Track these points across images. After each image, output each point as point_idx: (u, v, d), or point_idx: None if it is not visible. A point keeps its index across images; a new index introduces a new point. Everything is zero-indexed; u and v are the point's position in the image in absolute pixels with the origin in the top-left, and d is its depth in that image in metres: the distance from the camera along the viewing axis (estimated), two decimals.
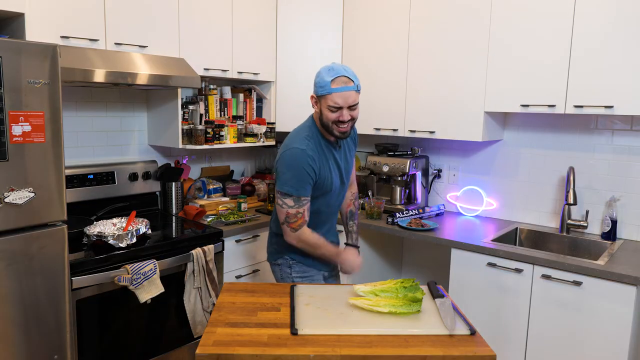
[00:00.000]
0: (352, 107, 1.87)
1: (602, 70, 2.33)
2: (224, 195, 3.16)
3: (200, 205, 2.91)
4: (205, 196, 3.06)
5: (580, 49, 2.38)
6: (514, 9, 2.56)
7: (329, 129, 1.91)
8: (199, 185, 3.06)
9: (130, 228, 2.29)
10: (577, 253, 2.64)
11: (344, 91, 1.83)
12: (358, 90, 1.88)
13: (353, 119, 1.91)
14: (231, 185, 3.20)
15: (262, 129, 3.12)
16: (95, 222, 2.37)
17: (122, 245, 2.20)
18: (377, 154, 3.23)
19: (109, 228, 2.31)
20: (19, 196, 1.76)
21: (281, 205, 1.90)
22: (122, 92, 2.82)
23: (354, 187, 2.30)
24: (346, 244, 2.24)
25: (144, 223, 2.37)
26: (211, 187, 3.11)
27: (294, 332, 1.44)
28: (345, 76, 1.84)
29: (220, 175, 3.35)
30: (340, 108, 1.85)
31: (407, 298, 1.60)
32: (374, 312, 1.57)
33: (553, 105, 2.48)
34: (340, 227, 2.32)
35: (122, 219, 2.42)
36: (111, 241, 2.18)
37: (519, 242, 2.85)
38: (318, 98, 1.90)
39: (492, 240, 2.54)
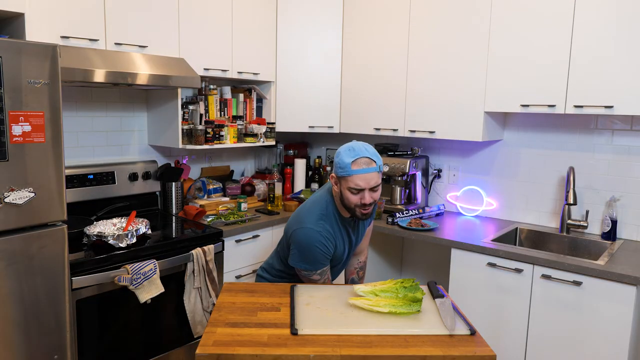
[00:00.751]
0: (373, 189, 1.79)
1: (602, 70, 2.33)
2: (224, 195, 3.16)
3: (200, 205, 2.91)
4: (205, 196, 3.06)
5: (580, 49, 2.38)
6: (514, 9, 2.56)
7: (352, 212, 1.85)
8: (199, 185, 3.06)
9: (130, 228, 2.29)
10: (577, 253, 2.64)
11: (366, 173, 1.75)
12: (380, 171, 1.81)
13: (375, 201, 1.83)
14: (231, 185, 3.20)
15: (262, 129, 3.12)
16: (95, 222, 2.37)
17: (122, 245, 2.20)
18: None
19: (109, 228, 2.31)
20: (19, 196, 1.76)
21: (309, 279, 1.93)
22: (122, 92, 2.82)
23: (363, 256, 2.24)
24: None
25: (144, 223, 2.37)
26: (211, 187, 3.11)
27: (294, 332, 1.44)
28: (366, 157, 1.77)
29: (220, 175, 3.35)
30: (361, 190, 1.77)
31: (407, 298, 1.60)
32: (374, 312, 1.57)
33: (553, 105, 2.48)
34: None
35: (122, 219, 2.42)
36: (111, 241, 2.18)
37: (519, 242, 2.85)
38: (338, 179, 1.82)
39: (492, 240, 2.54)
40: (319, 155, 3.77)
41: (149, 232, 2.38)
